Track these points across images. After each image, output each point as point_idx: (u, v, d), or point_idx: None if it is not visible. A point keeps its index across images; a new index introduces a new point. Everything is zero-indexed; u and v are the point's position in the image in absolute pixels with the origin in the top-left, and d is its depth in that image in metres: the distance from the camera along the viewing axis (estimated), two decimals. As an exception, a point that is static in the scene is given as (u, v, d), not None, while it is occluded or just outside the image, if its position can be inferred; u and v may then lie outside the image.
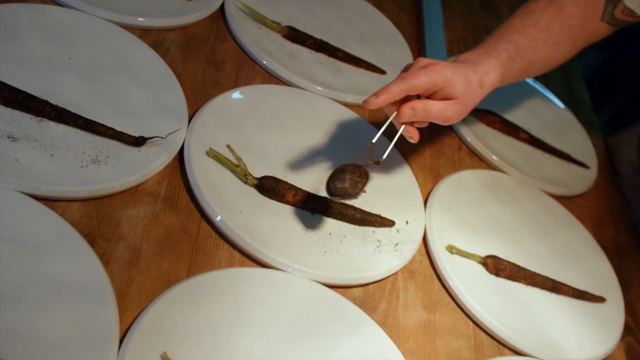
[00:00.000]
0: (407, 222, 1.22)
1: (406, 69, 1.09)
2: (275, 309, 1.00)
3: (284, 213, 1.11)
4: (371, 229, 1.17)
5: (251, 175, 1.11)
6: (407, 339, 1.09)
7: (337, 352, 1.00)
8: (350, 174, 1.07)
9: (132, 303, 0.92)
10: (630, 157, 1.65)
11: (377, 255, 1.14)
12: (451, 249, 1.22)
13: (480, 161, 1.48)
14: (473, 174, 1.40)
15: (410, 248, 1.18)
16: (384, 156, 1.06)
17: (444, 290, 1.19)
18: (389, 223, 1.19)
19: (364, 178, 1.07)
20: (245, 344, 0.94)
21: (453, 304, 1.18)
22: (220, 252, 1.03)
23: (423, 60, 1.09)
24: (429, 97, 1.08)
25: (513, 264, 1.27)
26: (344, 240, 1.13)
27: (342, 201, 1.07)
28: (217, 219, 1.04)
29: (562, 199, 1.52)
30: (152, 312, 0.90)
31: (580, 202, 1.57)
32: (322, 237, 1.11)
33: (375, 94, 1.02)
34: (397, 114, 1.06)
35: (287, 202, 1.12)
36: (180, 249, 1.00)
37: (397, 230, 1.20)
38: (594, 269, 1.42)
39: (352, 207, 1.16)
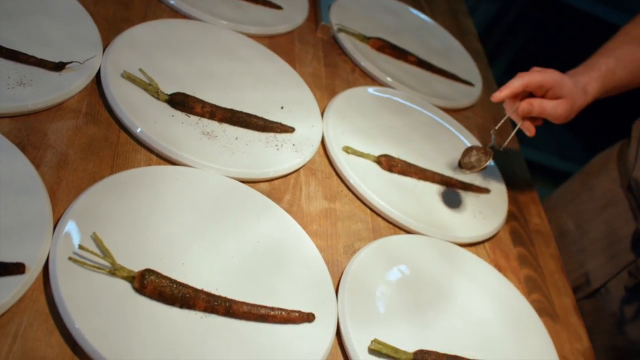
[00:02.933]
0: (306, 128, 1.34)
1: (519, 76, 1.30)
2: (190, 199, 1.11)
3: (194, 123, 1.22)
4: (273, 134, 1.29)
5: (162, 92, 1.22)
6: (311, 223, 1.22)
7: (248, 233, 1.12)
8: (476, 151, 1.35)
9: (62, 198, 1.02)
10: (611, 173, 1.67)
11: (279, 156, 1.26)
12: (347, 150, 1.35)
13: (373, 81, 1.61)
14: (364, 90, 1.53)
15: (309, 150, 1.31)
16: (505, 143, 1.40)
17: (342, 185, 1.32)
18: (289, 129, 1.31)
19: (488, 156, 1.33)
20: (164, 227, 1.06)
21: (351, 195, 1.31)
22: (138, 156, 1.14)
23: (536, 68, 1.31)
24: (542, 97, 1.32)
25: (404, 161, 1.41)
26: (249, 144, 1.25)
27: (470, 172, 1.35)
28: (138, 130, 1.15)
29: (450, 112, 1.66)
30: (81, 201, 1.00)
31: (466, 114, 1.72)
32: (230, 142, 1.23)
33: (499, 90, 1.28)
34: (516, 109, 1.33)
35: (196, 114, 1.24)
36: (103, 154, 1.11)
37: (297, 136, 1.32)
38: (479, 167, 1.57)
39: (255, 116, 1.28)
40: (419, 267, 1.25)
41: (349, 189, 1.32)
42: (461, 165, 1.35)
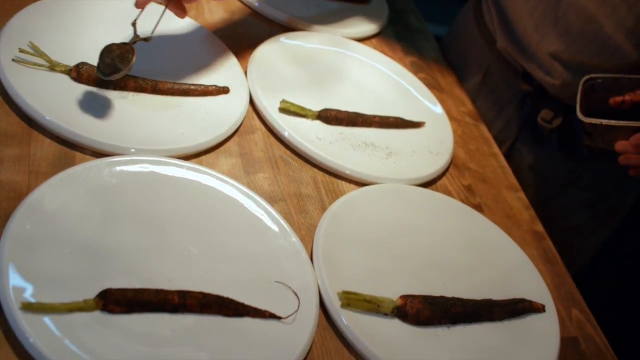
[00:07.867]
0: None
1: None
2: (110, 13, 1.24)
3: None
4: None
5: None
6: (216, 29, 1.36)
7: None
8: (118, 51, 1.09)
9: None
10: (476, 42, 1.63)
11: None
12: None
13: None
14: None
15: None
16: (152, 33, 1.14)
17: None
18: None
19: (131, 53, 1.09)
20: (92, 36, 1.17)
21: (248, 9, 1.46)
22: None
23: None
24: None
25: None
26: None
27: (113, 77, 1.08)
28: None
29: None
30: (13, 21, 1.12)
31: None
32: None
33: None
34: None
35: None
36: (25, -8, 1.23)
37: None
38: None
39: None
40: (313, 55, 1.41)
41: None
42: (103, 72, 1.07)
